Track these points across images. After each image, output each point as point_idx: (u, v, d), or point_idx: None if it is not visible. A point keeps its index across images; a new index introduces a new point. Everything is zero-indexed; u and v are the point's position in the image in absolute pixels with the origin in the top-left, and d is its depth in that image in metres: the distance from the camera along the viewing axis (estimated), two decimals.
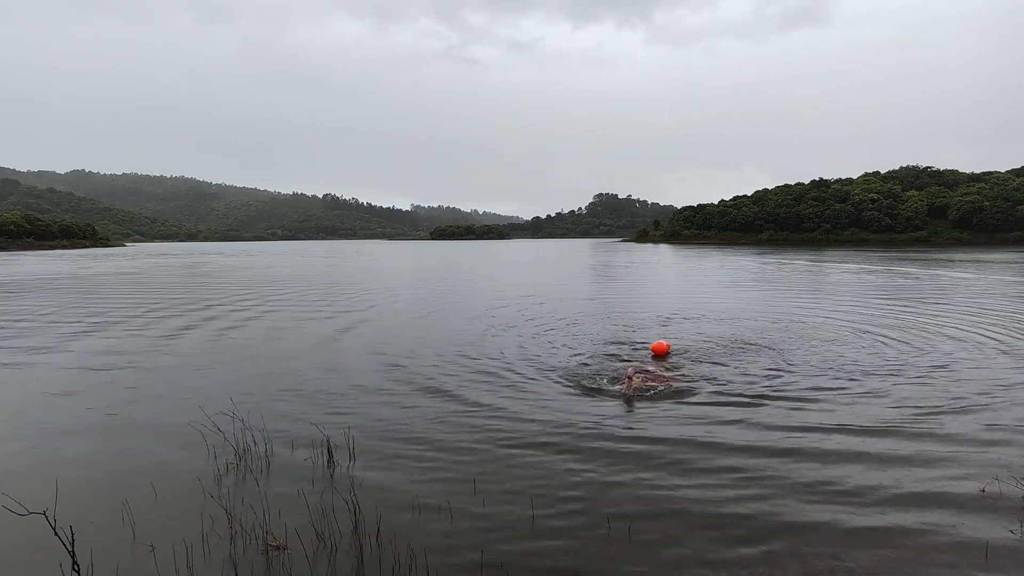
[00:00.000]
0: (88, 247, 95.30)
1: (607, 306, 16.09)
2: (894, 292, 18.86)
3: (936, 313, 13.67)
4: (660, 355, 9.24)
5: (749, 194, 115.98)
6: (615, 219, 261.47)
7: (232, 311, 15.44)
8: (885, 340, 10.32)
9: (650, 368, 8.29)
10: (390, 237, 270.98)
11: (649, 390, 7.09)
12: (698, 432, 5.73)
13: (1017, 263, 35.05)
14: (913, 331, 11.23)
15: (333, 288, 22.47)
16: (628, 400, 6.78)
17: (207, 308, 16.12)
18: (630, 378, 7.04)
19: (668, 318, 13.55)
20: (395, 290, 21.79)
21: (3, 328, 12.71)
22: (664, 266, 38.46)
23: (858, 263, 36.84)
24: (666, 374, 7.97)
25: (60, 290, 21.72)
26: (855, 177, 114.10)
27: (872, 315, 13.51)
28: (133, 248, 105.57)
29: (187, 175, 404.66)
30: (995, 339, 10.35)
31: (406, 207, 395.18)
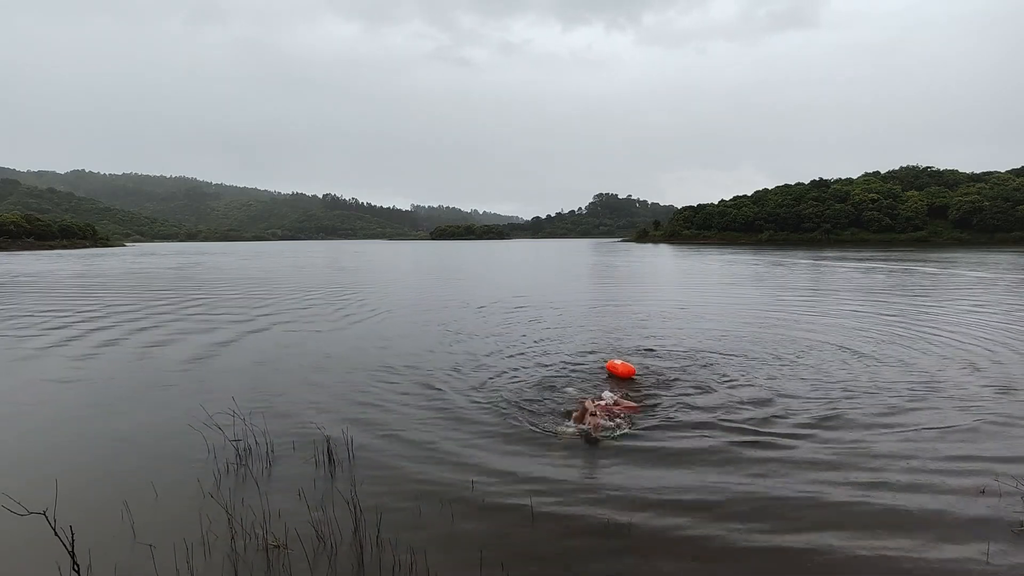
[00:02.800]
0: (88, 247, 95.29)
1: (614, 305, 16.10)
2: (922, 291, 18.85)
3: (959, 311, 13.67)
4: (623, 378, 7.64)
5: (749, 194, 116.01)
6: (615, 219, 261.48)
7: (230, 312, 15.43)
8: (892, 339, 10.32)
9: (611, 399, 6.43)
10: (390, 237, 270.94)
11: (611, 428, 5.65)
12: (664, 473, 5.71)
13: None
14: (928, 329, 11.22)
15: (334, 289, 22.46)
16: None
17: (205, 308, 16.12)
18: (593, 414, 5.67)
19: (656, 322, 13.54)
20: (398, 290, 21.79)
21: (3, 327, 12.70)
22: (663, 266, 38.44)
23: (868, 263, 36.82)
24: (630, 403, 6.47)
25: (58, 289, 21.71)
26: (855, 177, 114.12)
27: (886, 313, 13.51)
28: (133, 248, 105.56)
29: (187, 175, 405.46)
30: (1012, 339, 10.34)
31: (406, 207, 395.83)
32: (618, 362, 8.04)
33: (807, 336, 10.88)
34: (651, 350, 9.66)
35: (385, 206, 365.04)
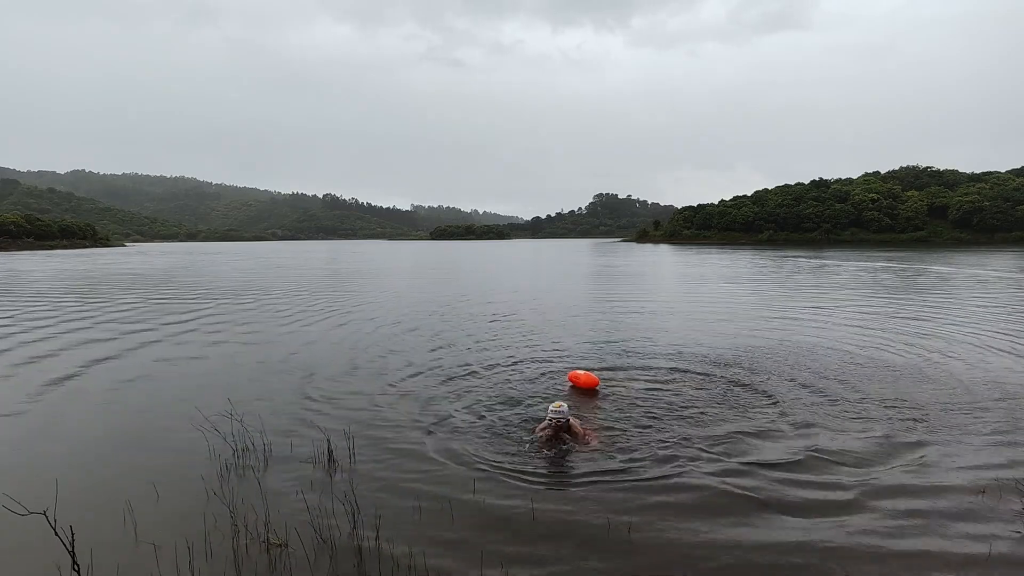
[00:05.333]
0: (88, 247, 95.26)
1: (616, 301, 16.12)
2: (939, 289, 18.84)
3: (970, 310, 13.67)
4: (585, 388, 7.03)
5: (748, 194, 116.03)
6: (615, 219, 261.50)
7: (226, 311, 15.43)
8: (892, 338, 10.31)
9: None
10: (390, 237, 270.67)
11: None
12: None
13: None
14: (938, 329, 11.22)
15: (335, 288, 22.45)
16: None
17: (204, 308, 16.11)
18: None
19: (647, 326, 13.51)
20: (397, 291, 21.78)
21: (6, 327, 12.70)
22: (661, 266, 38.41)
23: (874, 262, 36.79)
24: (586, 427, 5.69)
25: (55, 291, 21.70)
26: (855, 177, 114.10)
27: (899, 312, 13.50)
28: (132, 248, 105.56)
29: (187, 175, 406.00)
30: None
31: (406, 207, 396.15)
32: (581, 372, 7.33)
33: (812, 341, 10.85)
34: (637, 358, 9.38)
35: (385, 206, 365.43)
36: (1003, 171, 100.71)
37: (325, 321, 13.51)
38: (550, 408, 5.34)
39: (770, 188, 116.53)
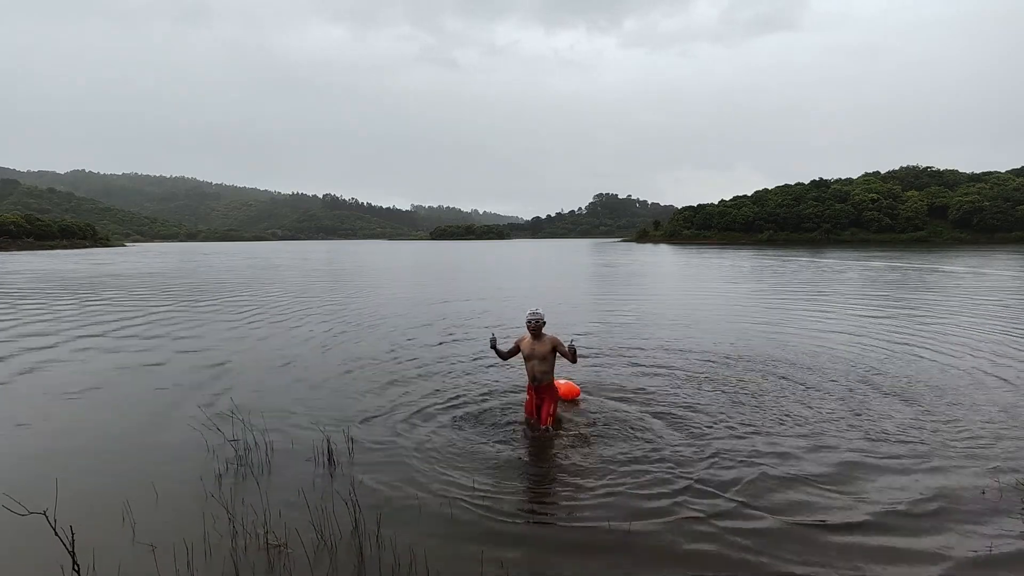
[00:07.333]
0: (88, 247, 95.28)
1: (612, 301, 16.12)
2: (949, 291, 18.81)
3: (972, 310, 13.66)
4: (565, 399, 6.57)
5: (748, 194, 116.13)
6: (615, 219, 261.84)
7: (228, 310, 15.43)
8: (892, 336, 10.31)
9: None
10: (390, 237, 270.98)
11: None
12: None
13: None
14: (939, 328, 11.22)
15: (335, 287, 22.46)
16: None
17: (204, 306, 16.12)
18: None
19: (639, 330, 13.49)
20: (398, 290, 21.79)
21: (9, 326, 12.69)
22: (660, 266, 38.41)
23: (879, 262, 36.78)
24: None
25: (58, 290, 21.70)
26: (855, 177, 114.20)
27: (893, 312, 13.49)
28: (132, 247, 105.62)
29: (187, 175, 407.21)
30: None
31: (406, 207, 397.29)
32: (562, 381, 6.73)
33: (811, 342, 10.83)
34: (640, 361, 9.34)
35: (385, 206, 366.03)
36: (1003, 171, 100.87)
37: (325, 320, 13.50)
38: (527, 312, 5.74)
39: (770, 188, 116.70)
